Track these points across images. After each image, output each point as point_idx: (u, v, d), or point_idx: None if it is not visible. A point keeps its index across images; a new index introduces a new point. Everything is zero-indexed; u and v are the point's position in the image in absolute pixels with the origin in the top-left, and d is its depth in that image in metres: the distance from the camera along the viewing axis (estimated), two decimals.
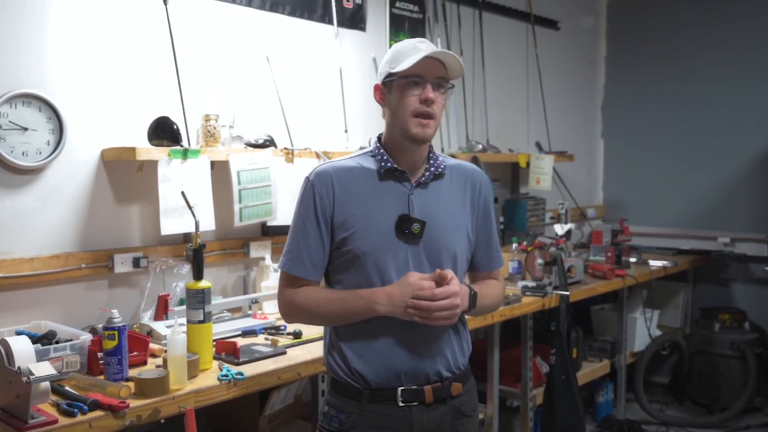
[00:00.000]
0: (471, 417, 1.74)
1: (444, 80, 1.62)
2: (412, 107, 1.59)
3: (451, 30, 3.79)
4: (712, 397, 4.17)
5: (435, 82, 1.60)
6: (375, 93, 1.70)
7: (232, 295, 2.76)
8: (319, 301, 1.65)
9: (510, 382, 3.30)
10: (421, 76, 1.59)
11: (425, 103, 1.59)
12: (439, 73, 1.61)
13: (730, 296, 4.57)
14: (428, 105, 1.59)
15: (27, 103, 2.21)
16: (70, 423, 1.60)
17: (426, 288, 1.55)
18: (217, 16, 2.74)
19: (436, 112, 1.61)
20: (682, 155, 4.71)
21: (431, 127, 1.61)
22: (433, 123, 1.61)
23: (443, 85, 1.62)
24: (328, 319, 1.68)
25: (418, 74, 1.59)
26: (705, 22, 4.61)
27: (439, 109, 1.62)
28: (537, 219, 4.09)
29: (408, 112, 1.60)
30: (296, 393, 2.67)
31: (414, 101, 1.59)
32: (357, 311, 1.61)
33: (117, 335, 1.85)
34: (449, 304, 1.55)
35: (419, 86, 1.59)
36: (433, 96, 1.59)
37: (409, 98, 1.60)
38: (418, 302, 1.55)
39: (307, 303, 1.65)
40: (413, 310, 1.55)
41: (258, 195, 2.63)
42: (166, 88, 2.53)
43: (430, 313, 1.55)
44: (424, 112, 1.59)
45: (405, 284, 1.57)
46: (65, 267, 2.30)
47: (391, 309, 1.57)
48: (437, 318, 1.56)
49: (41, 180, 2.28)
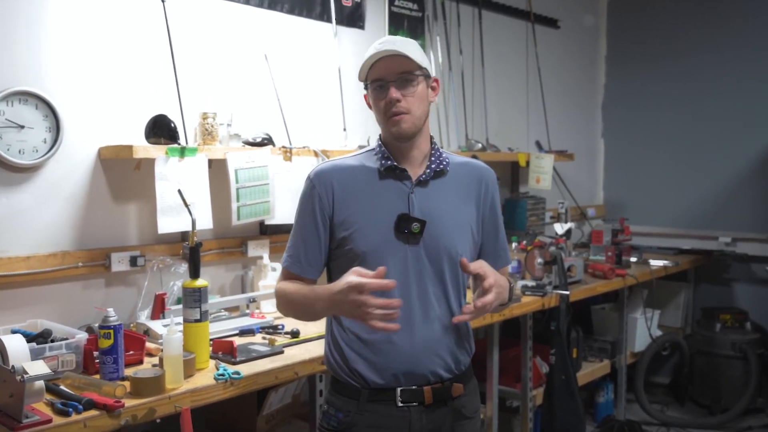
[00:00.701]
0: (472, 419, 1.72)
1: (408, 74, 1.59)
2: (383, 111, 1.61)
3: (450, 28, 3.78)
4: (714, 397, 4.15)
5: (399, 79, 1.59)
6: (366, 101, 1.70)
7: (229, 294, 2.75)
8: (288, 294, 1.65)
9: (510, 382, 3.28)
10: (382, 78, 1.60)
11: (390, 104, 1.59)
12: (402, 68, 1.59)
13: (731, 296, 4.55)
14: (395, 105, 1.58)
15: (24, 101, 2.20)
16: (64, 422, 1.59)
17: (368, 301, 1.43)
18: (214, 13, 2.73)
19: (408, 106, 1.59)
20: (683, 155, 4.69)
21: (406, 121, 1.60)
22: (407, 117, 1.60)
23: (410, 79, 1.59)
24: (298, 312, 1.68)
25: (379, 78, 1.60)
26: (706, 21, 4.60)
27: (413, 102, 1.60)
28: (537, 218, 4.08)
29: (381, 115, 1.63)
30: (294, 393, 2.65)
31: (383, 104, 1.61)
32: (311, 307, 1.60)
33: (113, 334, 1.83)
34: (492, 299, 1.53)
35: (384, 89, 1.60)
36: (396, 96, 1.58)
37: (379, 102, 1.62)
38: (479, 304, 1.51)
39: (284, 294, 1.67)
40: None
41: (256, 193, 2.62)
42: (163, 86, 2.52)
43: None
44: (393, 112, 1.59)
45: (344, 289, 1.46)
46: (62, 266, 2.29)
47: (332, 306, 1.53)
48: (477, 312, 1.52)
49: (38, 178, 2.26)
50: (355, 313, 1.46)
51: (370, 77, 1.62)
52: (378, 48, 1.59)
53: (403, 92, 1.59)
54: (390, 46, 1.59)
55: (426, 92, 1.64)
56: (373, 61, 1.59)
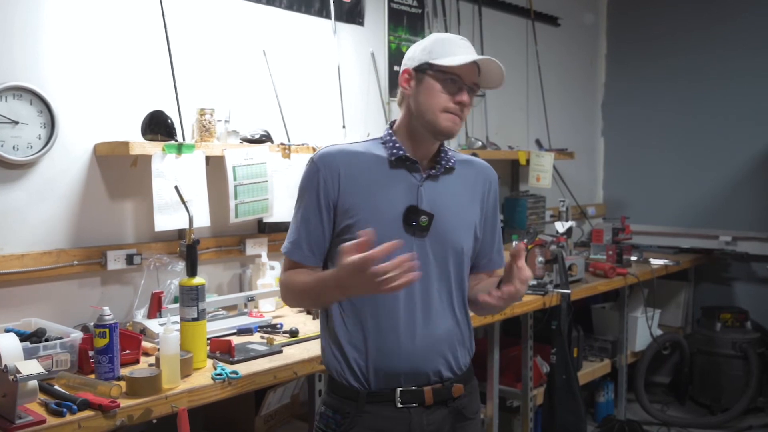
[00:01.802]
0: (473, 420, 1.69)
1: (477, 86, 1.59)
2: (444, 104, 1.56)
3: (450, 25, 3.75)
4: (714, 397, 4.14)
5: (470, 87, 1.57)
6: (402, 76, 1.63)
7: (227, 292, 2.72)
8: (297, 283, 1.59)
9: (510, 381, 3.26)
10: (460, 77, 1.56)
11: (459, 105, 1.56)
12: (475, 78, 1.58)
13: (731, 295, 4.54)
14: (462, 110, 1.57)
15: (18, 96, 2.17)
16: (58, 423, 1.56)
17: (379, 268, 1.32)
18: (212, 8, 2.70)
19: (466, 115, 1.59)
20: (684, 153, 4.68)
21: (459, 125, 1.59)
22: (460, 122, 1.59)
23: (475, 91, 1.59)
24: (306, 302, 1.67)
25: (457, 74, 1.56)
26: (706, 20, 4.58)
27: (468, 114, 1.61)
28: (537, 217, 4.06)
29: (439, 106, 1.56)
30: (293, 393, 2.63)
31: (447, 99, 1.56)
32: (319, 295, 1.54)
33: (108, 333, 1.80)
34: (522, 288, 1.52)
35: (455, 85, 1.56)
36: (467, 100, 1.56)
37: (443, 94, 1.56)
38: None
39: (290, 285, 1.61)
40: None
41: (254, 191, 2.59)
42: (160, 82, 2.49)
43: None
44: (456, 113, 1.57)
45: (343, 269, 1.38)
46: (57, 264, 2.26)
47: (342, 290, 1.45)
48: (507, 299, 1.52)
49: (32, 175, 2.23)
50: (371, 288, 1.37)
51: (449, 69, 1.55)
52: (471, 50, 1.58)
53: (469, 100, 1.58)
54: (484, 56, 1.57)
55: None
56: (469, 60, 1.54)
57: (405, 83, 1.61)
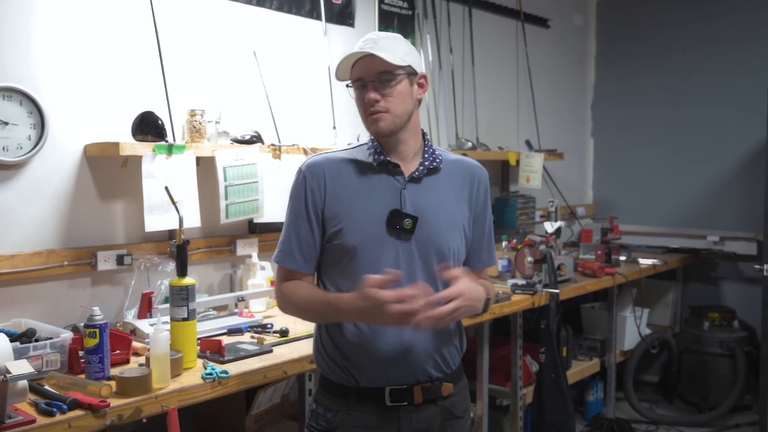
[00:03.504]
0: (462, 418, 1.71)
1: (387, 73, 1.57)
2: (363, 110, 1.61)
3: (440, 27, 3.77)
4: (702, 395, 4.17)
5: (377, 79, 1.57)
6: None
7: (218, 293, 2.73)
8: (301, 299, 1.63)
9: (500, 380, 3.28)
10: (361, 78, 1.59)
11: (368, 104, 1.58)
12: (380, 67, 1.57)
13: (719, 295, 4.57)
14: (373, 105, 1.57)
15: (7, 97, 2.16)
16: (48, 423, 1.56)
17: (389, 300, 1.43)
18: (203, 10, 2.71)
19: (386, 106, 1.58)
20: (672, 154, 4.71)
21: (384, 119, 1.58)
22: (385, 116, 1.58)
23: (389, 78, 1.57)
24: (310, 318, 1.69)
25: (358, 77, 1.59)
26: (694, 19, 4.62)
27: (393, 102, 1.58)
28: (527, 217, 4.08)
29: (363, 115, 1.62)
30: (283, 392, 2.63)
31: (362, 104, 1.61)
32: (330, 317, 1.60)
33: (98, 333, 1.81)
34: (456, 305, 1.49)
35: (365, 89, 1.59)
36: (373, 96, 1.57)
37: (359, 102, 1.62)
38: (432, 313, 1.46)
39: (293, 299, 1.65)
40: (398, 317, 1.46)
41: (245, 192, 2.60)
42: (151, 83, 2.49)
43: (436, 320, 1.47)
44: (371, 112, 1.59)
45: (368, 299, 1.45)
46: (47, 264, 2.26)
47: (361, 319, 1.55)
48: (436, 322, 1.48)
49: (22, 175, 2.23)
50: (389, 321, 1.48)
51: (352, 76, 1.61)
52: (356, 48, 1.59)
53: (382, 92, 1.57)
54: (368, 45, 1.57)
55: (409, 90, 1.61)
56: (352, 62, 1.59)
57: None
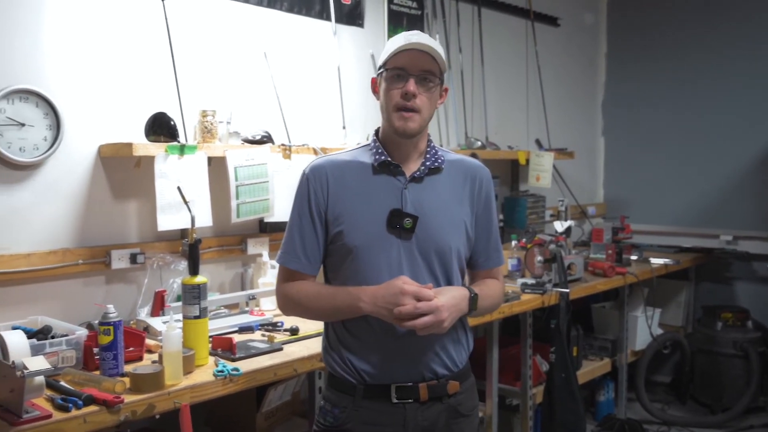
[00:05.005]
0: (469, 417, 1.72)
1: (430, 73, 1.59)
2: (394, 101, 1.59)
3: (449, 26, 3.78)
4: (715, 396, 4.15)
5: (420, 76, 1.58)
6: (372, 85, 1.69)
7: (229, 291, 2.75)
8: (310, 295, 1.65)
9: (509, 380, 3.28)
10: (404, 68, 1.58)
11: (405, 96, 1.57)
12: (425, 66, 1.58)
13: (732, 295, 4.54)
14: (408, 99, 1.57)
15: (24, 99, 2.20)
16: (64, 418, 1.59)
17: (407, 302, 1.51)
18: (214, 11, 2.74)
19: (420, 105, 1.59)
20: (684, 153, 4.69)
21: (414, 120, 1.59)
22: (416, 116, 1.59)
23: (430, 79, 1.60)
24: (318, 313, 1.69)
25: (402, 67, 1.59)
26: (706, 19, 4.60)
27: (425, 103, 1.59)
28: (537, 216, 4.08)
29: (392, 105, 1.60)
30: (293, 390, 2.66)
31: (397, 94, 1.59)
32: (343, 307, 1.60)
33: (112, 330, 1.84)
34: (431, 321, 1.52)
35: (403, 79, 1.58)
36: (413, 89, 1.57)
37: (392, 91, 1.60)
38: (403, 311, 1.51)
39: (299, 297, 1.66)
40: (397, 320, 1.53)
41: (255, 191, 2.63)
42: (163, 84, 2.52)
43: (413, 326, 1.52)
44: (405, 106, 1.58)
45: (391, 286, 1.54)
46: (62, 263, 2.29)
47: (374, 309, 1.55)
48: (420, 331, 1.53)
49: (38, 176, 2.27)
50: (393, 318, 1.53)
51: (392, 63, 1.60)
52: (410, 39, 1.58)
53: (420, 90, 1.58)
54: (423, 40, 1.58)
55: (437, 97, 1.64)
56: (401, 50, 1.58)
57: (375, 91, 1.68)
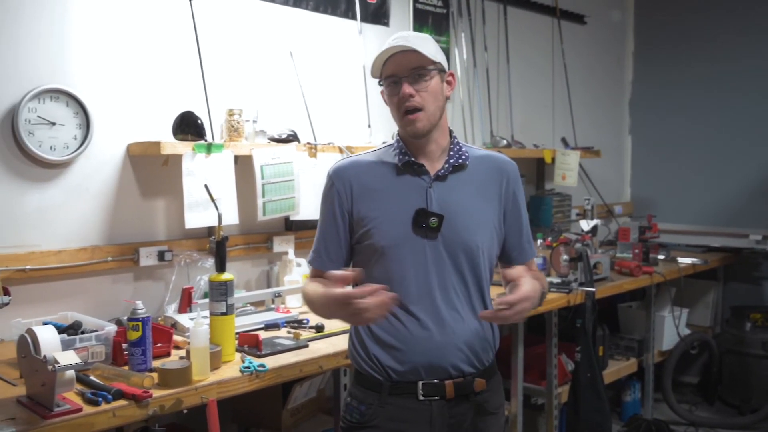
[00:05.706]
0: (495, 414, 1.71)
1: (420, 68, 1.58)
2: (398, 107, 1.61)
3: (475, 25, 3.77)
4: (743, 397, 4.08)
5: (411, 75, 1.58)
6: (383, 98, 1.69)
7: (255, 288, 2.78)
8: (311, 295, 1.65)
9: (535, 379, 3.27)
10: (395, 74, 1.59)
11: (403, 100, 1.58)
12: (412, 63, 1.58)
13: (761, 295, 4.46)
14: (408, 101, 1.58)
15: (55, 98, 2.25)
16: (94, 412, 1.62)
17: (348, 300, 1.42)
18: (241, 11, 2.76)
19: (422, 102, 1.59)
20: (712, 151, 4.62)
21: (420, 119, 1.59)
22: (421, 114, 1.59)
23: (422, 73, 1.59)
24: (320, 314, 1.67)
25: (392, 74, 1.60)
26: (735, 17, 4.52)
27: (427, 98, 1.59)
28: (562, 215, 4.05)
29: (397, 114, 1.62)
30: (319, 387, 2.67)
31: (398, 101, 1.60)
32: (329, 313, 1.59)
33: (141, 326, 1.86)
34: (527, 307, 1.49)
35: (398, 85, 1.59)
36: (409, 91, 1.58)
37: (393, 99, 1.61)
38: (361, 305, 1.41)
39: (307, 294, 1.69)
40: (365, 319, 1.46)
41: (281, 189, 2.64)
42: (190, 83, 2.55)
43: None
44: (407, 108, 1.59)
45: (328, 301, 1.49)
46: (92, 260, 2.33)
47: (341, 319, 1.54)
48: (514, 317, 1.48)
49: (68, 174, 2.31)
50: (354, 320, 1.51)
51: (383, 74, 1.63)
52: (389, 44, 1.60)
53: (416, 88, 1.58)
54: (401, 41, 1.58)
55: (440, 87, 1.63)
56: (386, 58, 1.60)
57: (385, 102, 1.67)
